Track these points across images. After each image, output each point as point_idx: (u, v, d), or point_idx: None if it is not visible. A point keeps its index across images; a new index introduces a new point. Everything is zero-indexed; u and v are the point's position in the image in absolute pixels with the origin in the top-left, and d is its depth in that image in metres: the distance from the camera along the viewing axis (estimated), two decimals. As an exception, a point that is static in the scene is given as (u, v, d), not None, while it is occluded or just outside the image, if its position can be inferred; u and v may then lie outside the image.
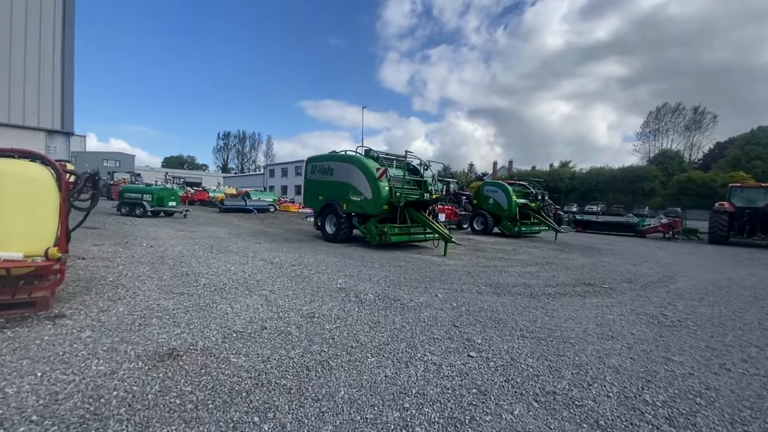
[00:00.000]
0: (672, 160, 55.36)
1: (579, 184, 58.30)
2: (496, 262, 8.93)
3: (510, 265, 8.49)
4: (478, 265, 8.24)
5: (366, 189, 10.02)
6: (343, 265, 7.37)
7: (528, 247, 12.29)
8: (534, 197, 15.97)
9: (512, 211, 15.16)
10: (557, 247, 12.70)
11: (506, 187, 15.58)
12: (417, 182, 11.06)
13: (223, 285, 5.21)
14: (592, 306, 5.35)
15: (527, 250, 11.45)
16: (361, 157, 10.37)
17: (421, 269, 7.39)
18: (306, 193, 12.35)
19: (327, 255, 8.49)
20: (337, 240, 10.75)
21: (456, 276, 6.90)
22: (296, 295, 4.95)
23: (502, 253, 10.62)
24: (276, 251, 8.65)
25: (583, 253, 11.62)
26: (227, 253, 7.94)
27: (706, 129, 63.39)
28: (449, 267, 7.82)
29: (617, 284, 7.00)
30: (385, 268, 7.32)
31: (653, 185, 49.87)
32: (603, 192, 50.48)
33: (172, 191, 16.90)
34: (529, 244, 13.39)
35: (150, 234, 10.45)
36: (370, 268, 7.14)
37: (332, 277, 6.19)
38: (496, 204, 15.81)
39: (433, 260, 8.63)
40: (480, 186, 17.00)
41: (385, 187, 9.83)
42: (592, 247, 13.24)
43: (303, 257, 7.99)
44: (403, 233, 9.99)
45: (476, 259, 9.24)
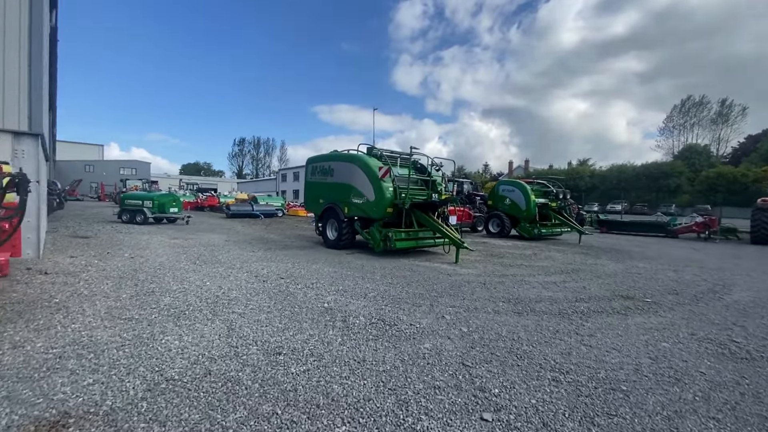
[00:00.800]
0: (699, 155, 52.55)
1: (599, 182, 56.01)
2: (515, 269, 7.88)
3: (531, 274, 7.44)
4: (494, 274, 7.22)
5: (368, 190, 9.12)
6: (339, 276, 6.47)
7: (550, 251, 11.16)
8: (554, 196, 14.78)
9: (531, 211, 14.01)
10: (582, 251, 11.52)
11: (524, 186, 14.45)
12: (425, 182, 10.10)
13: (187, 306, 4.37)
14: (637, 328, 4.29)
15: (549, 255, 10.33)
16: (362, 156, 9.48)
17: (428, 281, 6.42)
18: (306, 196, 11.53)
19: (324, 264, 7.61)
20: (338, 246, 9.87)
21: (468, 289, 5.91)
22: (270, 319, 4.06)
23: (521, 258, 9.54)
24: (268, 261, 7.82)
25: (612, 257, 10.43)
26: (212, 264, 7.14)
27: (734, 122, 60.19)
28: (461, 277, 6.83)
29: (661, 297, 5.89)
30: (387, 279, 6.38)
31: (679, 182, 47.30)
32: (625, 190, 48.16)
33: (174, 197, 16.37)
34: (551, 247, 12.24)
35: (140, 243, 9.78)
36: (368, 280, 6.21)
37: (321, 293, 5.29)
38: (513, 204, 14.68)
39: (443, 269, 7.65)
40: (495, 185, 15.89)
41: (388, 187, 8.91)
42: (621, 250, 11.99)
43: (295, 268, 7.12)
44: (410, 238, 9.04)
45: (492, 266, 8.21)
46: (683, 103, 64.20)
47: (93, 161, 62.15)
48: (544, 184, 15.88)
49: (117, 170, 60.25)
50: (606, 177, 55.55)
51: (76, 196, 47.44)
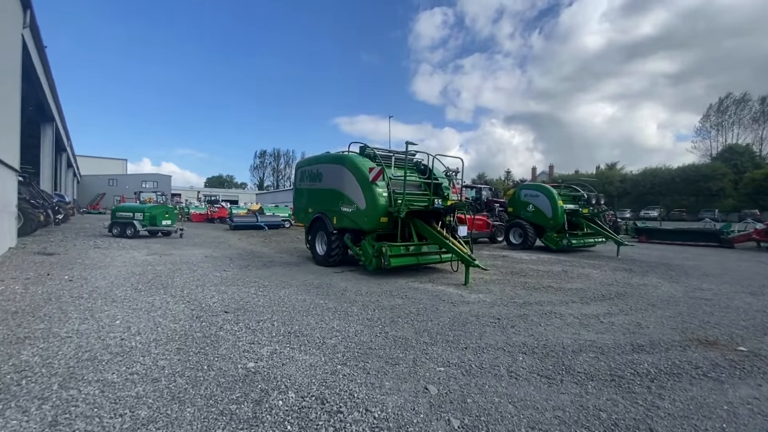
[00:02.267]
0: (741, 155, 48.34)
1: (631, 187, 52.59)
2: (540, 294, 6.14)
3: (562, 301, 5.68)
4: (513, 302, 5.52)
5: (358, 197, 7.61)
6: (304, 308, 4.93)
7: (584, 267, 9.28)
8: (585, 202, 12.83)
9: (558, 219, 12.12)
10: (624, 266, 9.58)
11: (549, 190, 12.59)
12: (429, 185, 8.53)
13: (31, 372, 2.93)
14: (749, 412, 2.55)
15: (584, 272, 8.48)
16: (351, 157, 7.99)
17: (423, 314, 4.80)
18: (295, 205, 10.14)
19: (295, 290, 6.10)
20: (328, 263, 8.36)
21: (476, 328, 4.26)
22: (139, 400, 2.56)
23: (548, 277, 7.75)
24: (231, 284, 6.39)
25: (663, 274, 8.46)
26: (156, 290, 5.75)
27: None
28: (468, 308, 5.17)
29: (758, 341, 4.07)
30: (367, 312, 4.80)
31: (722, 185, 43.52)
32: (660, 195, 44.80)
33: (167, 209, 15.35)
34: (584, 261, 10.33)
35: (103, 261, 8.57)
36: (340, 315, 4.65)
37: (261, 338, 3.77)
38: (537, 211, 12.81)
39: (447, 294, 6.01)
40: (516, 190, 14.06)
41: (382, 193, 7.37)
42: (670, 265, 9.96)
43: (257, 295, 5.65)
44: (410, 254, 7.43)
45: (512, 289, 6.49)
46: (721, 101, 60.03)
47: (116, 175, 63.61)
48: (573, 188, 13.95)
49: (139, 184, 61.30)
50: (638, 181, 52.19)
51: (98, 209, 48.22)
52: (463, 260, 6.79)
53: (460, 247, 7.02)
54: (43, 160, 19.70)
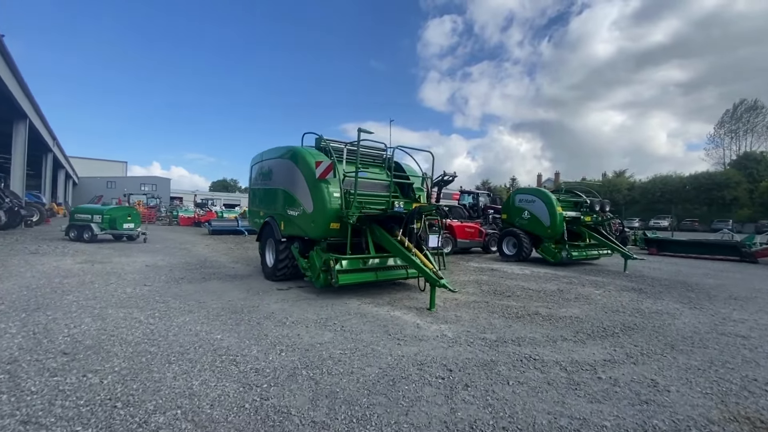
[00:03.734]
0: (758, 163, 46.21)
1: (640, 195, 50.58)
2: (522, 326, 4.70)
3: (549, 338, 4.25)
4: (482, 340, 4.10)
5: (305, 197, 6.26)
6: (182, 350, 3.56)
7: (584, 285, 7.81)
8: (589, 208, 11.34)
9: (557, 228, 10.65)
10: (632, 284, 8.08)
11: (546, 195, 11.13)
12: (400, 186, 7.17)
13: None
14: None
15: (583, 293, 7.01)
16: (299, 149, 6.62)
17: (345, 361, 3.40)
18: (249, 208, 8.82)
19: (204, 315, 4.74)
20: (275, 277, 7.01)
21: (408, 391, 2.85)
22: None
23: (539, 299, 6.31)
24: (131, 305, 5.05)
25: (681, 296, 6.97)
26: (18, 313, 4.42)
27: (794, 128, 53.44)
28: (417, 349, 3.77)
29: None
30: (267, 357, 3.42)
31: (737, 194, 41.46)
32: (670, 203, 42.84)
33: (129, 211, 14.12)
34: (586, 278, 8.85)
35: (18, 270, 7.30)
36: (224, 362, 3.27)
37: (56, 408, 2.40)
38: (533, 219, 11.35)
39: (400, 324, 4.61)
40: (510, 195, 12.60)
41: (333, 192, 6.00)
42: (688, 284, 8.44)
43: (144, 323, 4.29)
44: (365, 269, 6.03)
45: (487, 317, 5.06)
46: (735, 108, 57.94)
47: (115, 178, 63.07)
48: (574, 193, 12.47)
49: (138, 186, 60.66)
50: (647, 189, 50.22)
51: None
52: (428, 278, 5.38)
53: (424, 261, 5.61)
54: (14, 159, 18.67)
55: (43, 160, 27.98)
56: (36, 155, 28.28)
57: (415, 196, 6.98)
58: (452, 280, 8.01)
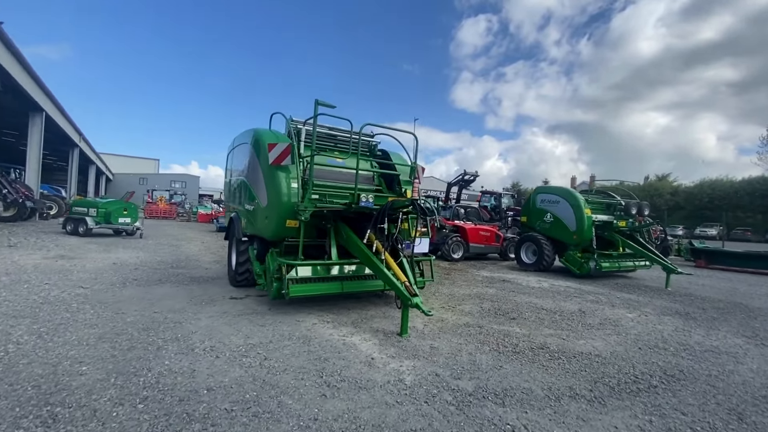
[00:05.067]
0: (823, 168, 41.49)
1: (684, 200, 46.48)
2: (518, 366, 3.38)
3: (552, 391, 2.92)
4: (455, 390, 2.84)
5: (260, 188, 5.17)
6: (10, 390, 2.53)
7: (614, 305, 6.30)
8: (623, 211, 9.65)
9: (584, 234, 9.06)
10: (676, 305, 6.48)
11: (573, 195, 9.54)
12: (385, 178, 5.99)
13: None
14: None
15: (611, 315, 5.53)
16: (257, 132, 5.49)
17: (223, 424, 2.25)
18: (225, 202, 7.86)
19: (89, 343, 3.74)
20: (237, 283, 5.99)
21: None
22: None
23: (551, 324, 4.92)
24: (21, 316, 4.14)
25: (742, 326, 5.36)
26: None
27: None
28: (351, 404, 2.56)
29: None
30: (105, 416, 2.32)
31: (798, 201, 37.20)
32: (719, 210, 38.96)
33: (125, 205, 13.64)
34: (617, 295, 7.29)
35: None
36: (42, 426, 2.20)
37: None
38: (557, 222, 9.80)
39: (352, 356, 3.42)
40: (530, 195, 11.07)
41: (290, 183, 4.88)
42: (748, 308, 6.73)
43: (8, 343, 3.33)
44: (329, 278, 4.86)
45: (475, 349, 3.77)
46: (796, 106, 52.49)
47: (147, 174, 65.13)
48: (607, 194, 10.79)
49: (168, 183, 62.39)
50: (693, 194, 46.11)
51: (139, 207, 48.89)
52: (400, 295, 4.14)
53: (396, 271, 4.36)
54: (30, 151, 18.83)
55: (69, 155, 28.66)
56: (62, 150, 29.09)
57: (401, 190, 5.75)
58: (450, 293, 6.71)
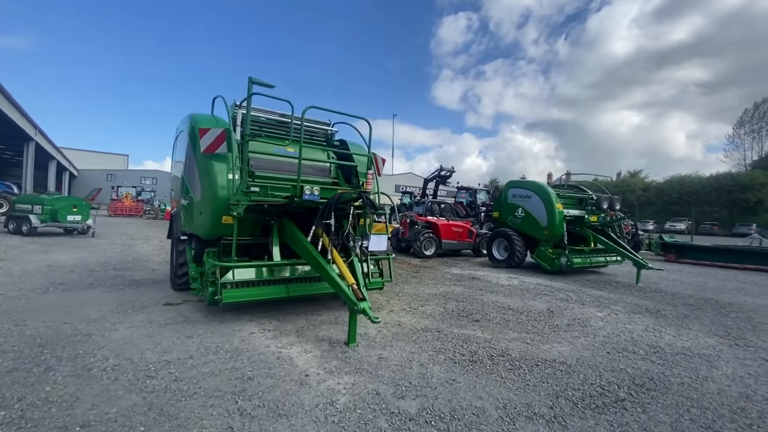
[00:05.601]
0: (784, 164, 43.43)
1: (655, 196, 47.89)
2: (473, 381, 2.97)
3: (512, 410, 2.51)
4: (395, 413, 2.40)
5: (194, 181, 4.60)
6: None
7: (584, 303, 6.02)
8: (594, 206, 9.47)
9: (555, 229, 8.82)
10: (647, 302, 6.26)
11: (544, 190, 9.28)
12: (343, 170, 5.51)
13: None
14: None
15: (581, 315, 5.23)
16: (192, 117, 4.89)
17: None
18: (170, 197, 7.19)
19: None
20: (177, 286, 5.42)
21: None
22: None
23: (516, 326, 4.55)
24: None
25: (713, 323, 5.14)
26: None
27: (822, 128, 50.11)
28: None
29: None
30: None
31: (761, 196, 38.67)
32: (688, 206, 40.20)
33: (74, 202, 12.66)
34: (587, 292, 7.04)
35: None
36: None
37: None
38: (528, 217, 9.53)
39: (285, 372, 2.93)
40: (503, 189, 10.78)
41: (226, 174, 4.32)
42: (719, 303, 6.59)
43: None
44: (270, 282, 4.34)
45: (427, 359, 3.35)
46: (757, 106, 54.68)
47: (115, 171, 62.44)
48: (579, 188, 10.61)
49: (138, 179, 59.92)
50: (663, 190, 47.55)
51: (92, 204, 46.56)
52: (346, 300, 3.67)
53: (344, 272, 3.88)
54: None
55: (24, 150, 26.87)
56: (17, 144, 27.27)
57: (359, 182, 5.27)
58: (415, 293, 6.29)
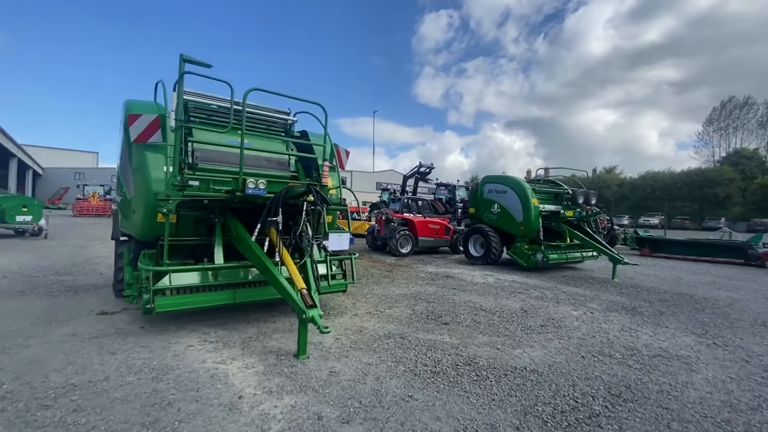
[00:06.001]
0: (749, 160, 44.87)
1: (629, 191, 49.05)
2: (433, 397, 2.61)
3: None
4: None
5: (127, 174, 4.11)
6: None
7: (559, 302, 5.77)
8: (570, 201, 9.30)
9: (531, 224, 8.60)
10: (622, 299, 6.07)
11: (519, 184, 9.05)
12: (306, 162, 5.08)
13: None
14: None
15: (556, 314, 4.96)
16: (127, 103, 4.34)
17: None
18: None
19: None
20: (117, 292, 4.88)
21: None
22: None
23: (487, 328, 4.22)
24: None
25: (690, 321, 4.95)
26: None
27: (785, 124, 52.38)
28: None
29: None
30: None
31: (729, 191, 40.03)
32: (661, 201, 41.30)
33: (24, 201, 11.76)
34: (563, 289, 6.82)
35: None
36: None
37: None
38: (504, 213, 9.30)
39: (217, 392, 2.49)
40: (478, 185, 10.54)
41: (159, 166, 3.83)
42: (694, 297, 6.47)
43: None
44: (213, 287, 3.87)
45: (385, 372, 2.97)
46: (724, 105, 56.60)
47: (84, 169, 59.79)
48: (555, 183, 10.46)
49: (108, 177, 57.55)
50: (637, 186, 48.70)
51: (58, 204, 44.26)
52: (294, 307, 3.25)
53: (294, 276, 3.46)
54: None
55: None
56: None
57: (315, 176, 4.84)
58: (384, 293, 5.92)
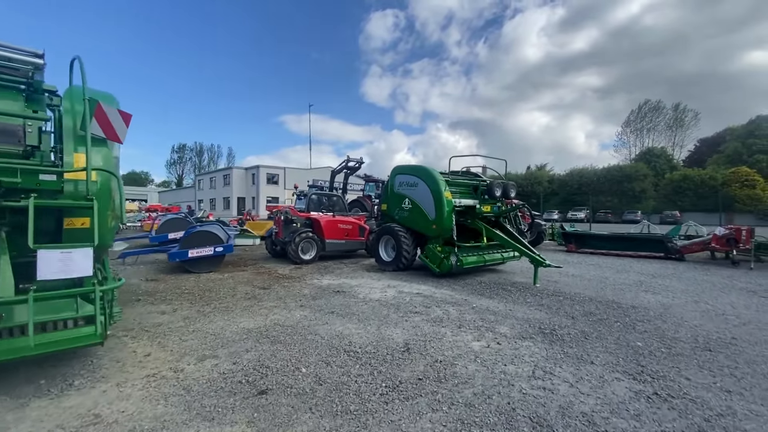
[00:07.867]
0: (659, 158, 49.14)
1: (559, 187, 51.44)
2: None
3: None
4: None
5: None
6: None
7: (460, 328, 4.31)
8: (487, 193, 8.06)
9: (444, 222, 7.20)
10: (541, 313, 4.78)
11: (431, 175, 7.62)
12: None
13: None
14: None
15: (448, 352, 3.44)
16: None
17: None
18: None
19: None
20: None
21: None
22: None
23: (318, 408, 2.55)
24: None
25: (620, 349, 3.70)
26: None
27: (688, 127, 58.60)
28: None
29: None
30: None
31: (644, 186, 43.18)
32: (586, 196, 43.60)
33: None
34: (474, 303, 5.43)
35: None
36: None
37: None
38: (415, 209, 7.84)
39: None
40: (390, 175, 9.02)
41: None
42: (621, 306, 5.40)
43: None
44: None
45: None
46: (640, 107, 61.90)
47: None
48: (473, 174, 9.23)
49: None
50: (566, 182, 51.15)
51: None
52: None
53: None
54: None
55: None
56: None
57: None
58: (221, 330, 4.07)
